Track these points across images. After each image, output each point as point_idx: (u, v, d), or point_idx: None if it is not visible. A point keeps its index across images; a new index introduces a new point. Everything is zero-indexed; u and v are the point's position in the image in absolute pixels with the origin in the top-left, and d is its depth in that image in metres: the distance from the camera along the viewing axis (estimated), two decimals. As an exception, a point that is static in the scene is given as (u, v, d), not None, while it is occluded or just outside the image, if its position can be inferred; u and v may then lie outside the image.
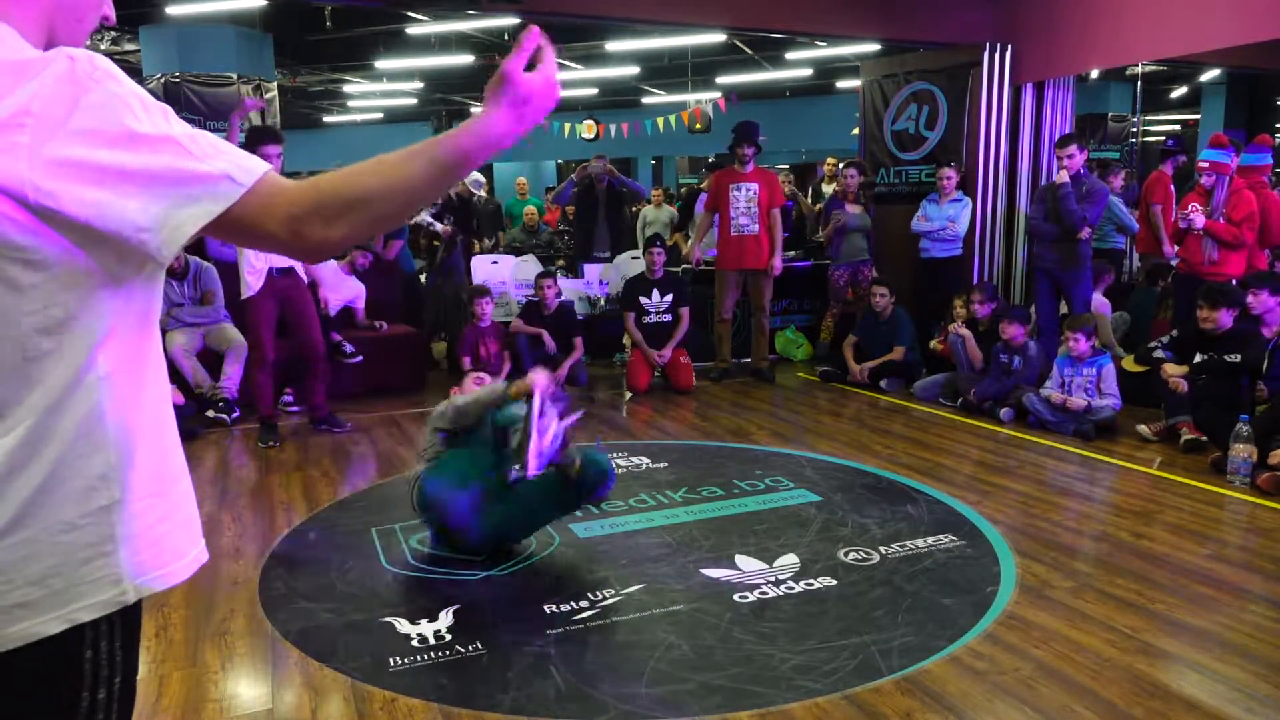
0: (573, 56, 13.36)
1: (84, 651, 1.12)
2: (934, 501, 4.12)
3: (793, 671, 2.61)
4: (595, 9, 6.79)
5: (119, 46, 10.77)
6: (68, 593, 1.08)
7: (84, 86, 0.98)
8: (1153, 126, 18.58)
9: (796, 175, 19.52)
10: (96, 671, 1.14)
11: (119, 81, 1.01)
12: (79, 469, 1.08)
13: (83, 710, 1.13)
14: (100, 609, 1.10)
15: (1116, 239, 7.70)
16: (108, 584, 1.10)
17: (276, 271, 5.11)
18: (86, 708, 1.13)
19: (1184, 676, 2.58)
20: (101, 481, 1.10)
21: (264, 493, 4.41)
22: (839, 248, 7.31)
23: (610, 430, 5.53)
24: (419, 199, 1.11)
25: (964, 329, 6.11)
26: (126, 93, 1.01)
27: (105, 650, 1.14)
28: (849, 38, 8.05)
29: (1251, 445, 4.25)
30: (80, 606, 1.08)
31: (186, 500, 1.26)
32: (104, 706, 1.15)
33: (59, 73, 0.98)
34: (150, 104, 1.02)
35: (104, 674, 1.14)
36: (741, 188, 6.74)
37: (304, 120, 18.97)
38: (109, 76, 1.01)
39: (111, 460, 1.10)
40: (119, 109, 0.99)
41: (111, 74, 1.01)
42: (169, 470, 1.22)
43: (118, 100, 1.00)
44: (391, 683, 2.60)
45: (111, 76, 1.01)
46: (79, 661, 1.12)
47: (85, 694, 1.13)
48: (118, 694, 1.17)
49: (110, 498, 1.11)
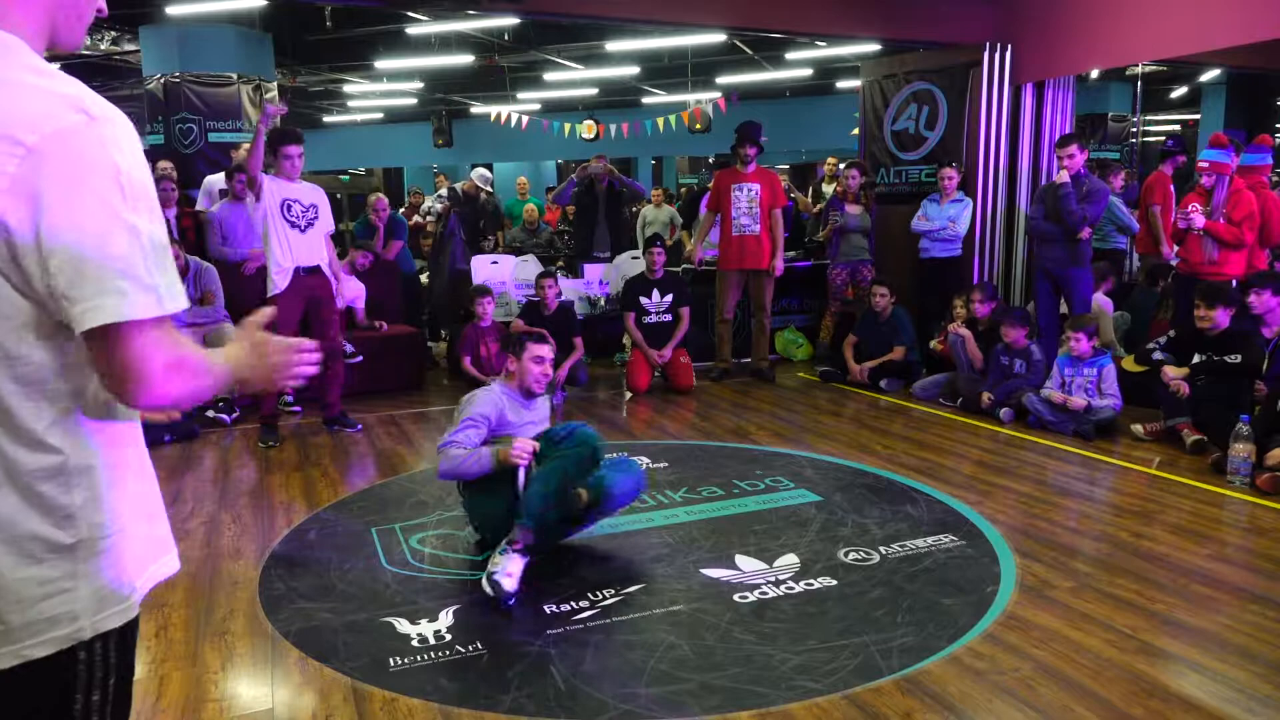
0: (573, 56, 13.35)
1: (78, 653, 1.12)
2: (934, 501, 4.12)
3: (793, 671, 2.61)
4: (595, 9, 6.79)
5: (119, 46, 10.76)
6: (24, 629, 1.08)
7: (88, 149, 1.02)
8: (1153, 126, 18.58)
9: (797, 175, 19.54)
10: (91, 673, 1.14)
11: (122, 153, 1.05)
12: (45, 506, 1.08)
13: (77, 713, 1.13)
14: (54, 645, 1.09)
15: (1117, 239, 7.70)
16: (65, 621, 1.10)
17: (303, 270, 5.13)
18: (80, 710, 1.13)
19: (1184, 676, 2.58)
20: (66, 520, 1.10)
21: (264, 493, 4.41)
22: (837, 247, 7.31)
23: (610, 430, 5.53)
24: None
25: (964, 329, 6.11)
26: (126, 169, 1.04)
27: (100, 651, 1.14)
28: (849, 38, 8.04)
29: (1251, 445, 4.25)
30: (35, 643, 1.08)
31: (155, 526, 1.26)
32: (98, 708, 1.15)
33: (70, 125, 1.01)
34: (137, 191, 1.06)
35: (98, 676, 1.15)
36: (743, 188, 6.74)
37: (304, 120, 18.95)
38: (117, 148, 1.04)
39: (77, 499, 1.10)
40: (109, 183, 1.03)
41: (120, 145, 1.04)
42: (139, 502, 1.22)
43: (111, 173, 1.03)
44: (391, 683, 2.60)
45: (119, 148, 1.04)
46: (73, 663, 1.12)
47: (79, 696, 1.13)
48: (112, 695, 1.17)
49: (76, 535, 1.10)
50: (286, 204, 5.06)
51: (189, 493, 4.43)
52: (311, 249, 5.16)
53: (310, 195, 5.19)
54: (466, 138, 19.36)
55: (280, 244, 5.07)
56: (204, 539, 3.80)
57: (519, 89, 16.48)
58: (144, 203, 1.06)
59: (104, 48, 10.80)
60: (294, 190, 5.12)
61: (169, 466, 4.87)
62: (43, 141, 0.99)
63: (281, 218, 5.05)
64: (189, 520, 4.03)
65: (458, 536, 3.76)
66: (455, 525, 3.89)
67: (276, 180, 5.11)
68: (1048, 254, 6.18)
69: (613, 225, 8.30)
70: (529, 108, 17.71)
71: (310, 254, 5.15)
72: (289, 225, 5.07)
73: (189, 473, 4.77)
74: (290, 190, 5.11)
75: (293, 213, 5.08)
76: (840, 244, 7.29)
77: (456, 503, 4.17)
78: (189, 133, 8.32)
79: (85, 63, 11.61)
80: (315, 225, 5.18)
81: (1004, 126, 7.23)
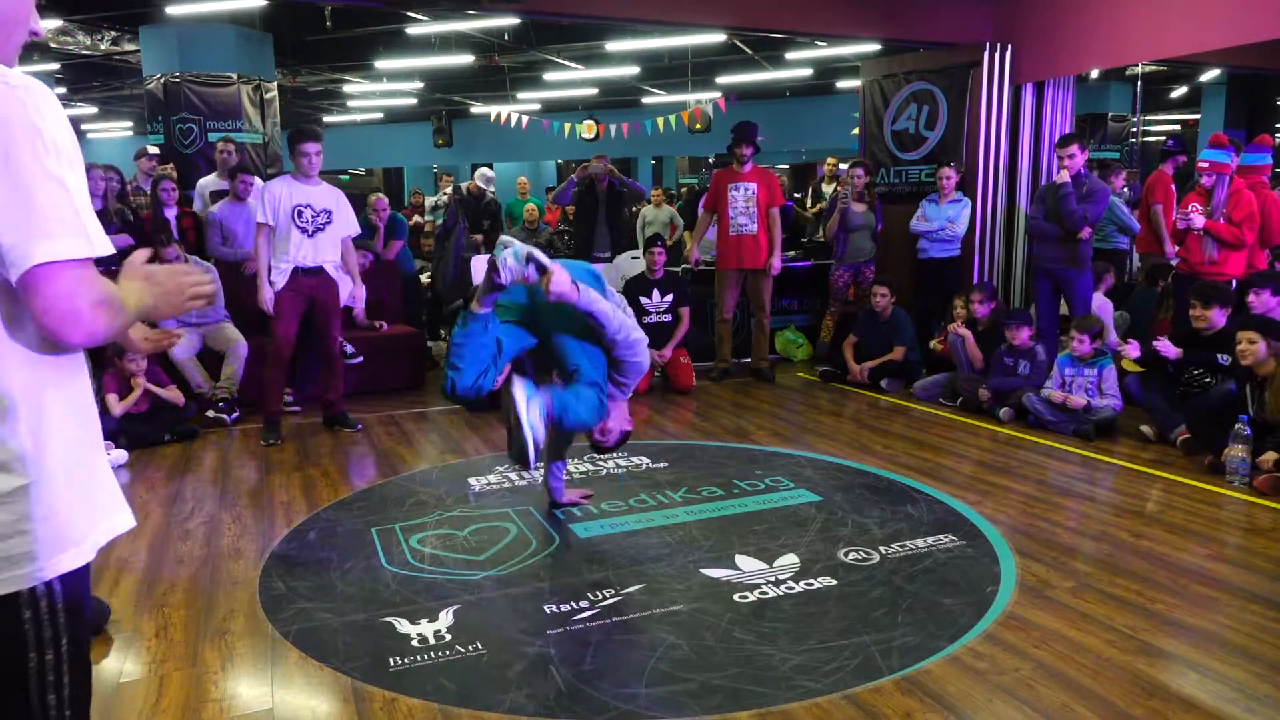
0: (573, 56, 13.36)
1: (22, 612, 1.16)
2: (934, 501, 4.12)
3: (793, 671, 2.61)
4: (595, 9, 6.79)
5: (119, 46, 10.76)
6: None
7: (10, 112, 1.12)
8: (1153, 126, 18.60)
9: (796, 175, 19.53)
10: (39, 633, 1.18)
11: (42, 117, 1.15)
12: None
13: (32, 672, 1.17)
14: (14, 585, 1.15)
15: (1119, 239, 7.70)
16: (23, 560, 1.15)
17: (302, 271, 5.13)
18: (35, 669, 1.18)
19: (1184, 676, 2.58)
20: (17, 463, 1.16)
21: (264, 493, 4.41)
22: (844, 247, 7.31)
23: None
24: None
25: (964, 329, 6.11)
26: (47, 130, 1.15)
27: (46, 610, 1.18)
28: (849, 38, 8.05)
29: (1249, 445, 4.25)
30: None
31: (103, 476, 1.32)
32: (53, 668, 1.20)
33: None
34: (61, 150, 1.16)
35: (47, 635, 1.19)
36: (740, 187, 6.74)
37: (304, 120, 18.96)
38: (36, 112, 1.14)
39: (28, 444, 1.16)
40: (33, 140, 1.13)
41: (40, 110, 1.15)
42: (87, 447, 1.28)
43: (33, 132, 1.13)
44: (391, 683, 2.60)
45: (39, 113, 1.14)
46: (18, 622, 1.17)
47: (33, 655, 1.18)
48: (66, 656, 1.21)
49: (26, 477, 1.16)
50: (298, 209, 5.07)
51: (189, 493, 4.43)
52: (316, 251, 5.16)
53: (325, 199, 5.18)
54: (466, 138, 19.38)
55: (283, 244, 5.07)
56: (204, 539, 3.80)
57: (519, 89, 16.48)
58: (67, 159, 1.16)
59: (104, 48, 10.80)
60: (308, 194, 5.11)
61: (169, 466, 4.87)
62: None
63: (291, 222, 5.05)
64: (189, 520, 4.03)
65: (458, 536, 3.76)
66: (455, 525, 3.89)
67: (292, 183, 5.12)
68: (1048, 254, 6.17)
69: (613, 225, 8.29)
70: (529, 108, 17.72)
71: (313, 256, 5.15)
72: (297, 230, 5.08)
73: (189, 473, 4.78)
74: (304, 194, 5.10)
75: (303, 218, 5.08)
76: (846, 245, 7.29)
77: (456, 503, 4.18)
78: (189, 133, 8.32)
79: (85, 63, 11.62)
80: (326, 230, 5.17)
81: (1004, 126, 7.23)
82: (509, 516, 3.99)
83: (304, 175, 5.13)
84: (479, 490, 4.38)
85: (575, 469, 4.67)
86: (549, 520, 3.93)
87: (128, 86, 13.38)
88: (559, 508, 4.03)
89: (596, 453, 3.91)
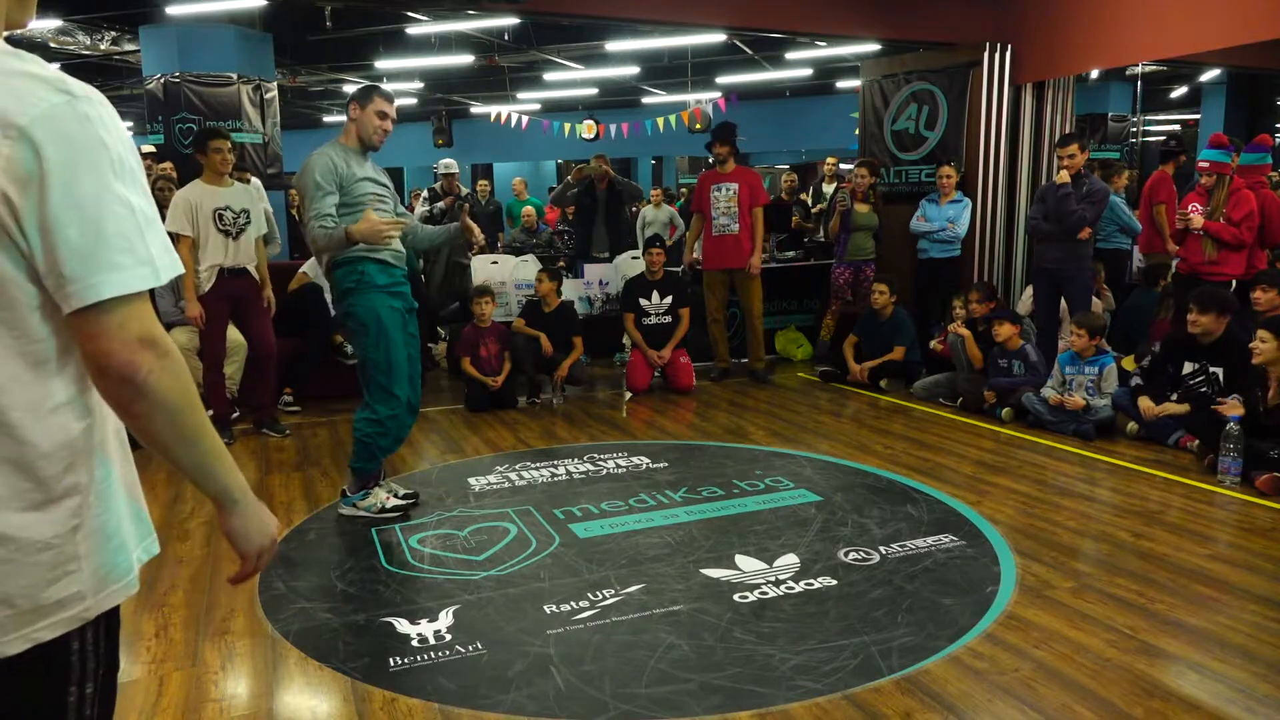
0: (573, 56, 13.36)
1: (71, 644, 1.13)
2: (934, 501, 4.12)
3: (793, 671, 2.61)
4: (595, 9, 6.79)
5: (119, 46, 10.75)
6: (35, 613, 1.08)
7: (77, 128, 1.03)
8: (1153, 126, 18.59)
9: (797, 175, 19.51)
10: (84, 664, 1.15)
11: (107, 130, 1.06)
12: (49, 488, 1.09)
13: (71, 705, 1.14)
14: (64, 626, 1.11)
15: (1120, 239, 7.69)
16: (73, 602, 1.11)
17: (227, 272, 5.13)
18: (75, 702, 1.14)
19: (1184, 676, 2.58)
20: (70, 500, 1.11)
21: (264, 493, 4.41)
22: (844, 246, 7.30)
23: (610, 430, 5.53)
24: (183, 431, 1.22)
25: (964, 329, 6.11)
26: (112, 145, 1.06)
27: (91, 640, 1.16)
28: (849, 38, 8.04)
29: (1240, 446, 4.25)
30: (45, 625, 1.09)
31: (141, 504, 1.28)
32: (91, 701, 1.16)
33: (56, 105, 1.02)
34: (125, 165, 1.07)
35: (90, 666, 1.16)
36: (722, 188, 6.74)
37: (304, 120, 18.97)
38: (102, 125, 1.05)
39: (82, 478, 1.12)
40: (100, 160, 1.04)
41: (104, 123, 1.06)
42: (129, 479, 1.24)
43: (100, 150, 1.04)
44: (391, 683, 2.60)
45: (104, 126, 1.05)
46: (66, 654, 1.13)
47: (73, 688, 1.14)
48: (102, 688, 1.18)
49: (80, 515, 1.12)
50: (218, 214, 5.06)
51: (189, 493, 4.43)
52: (240, 253, 5.16)
53: (241, 199, 5.17)
54: (466, 138, 19.36)
55: (208, 248, 5.05)
56: (204, 539, 3.80)
57: (519, 89, 16.48)
58: (130, 176, 1.08)
59: (104, 48, 10.79)
60: (224, 197, 5.09)
61: (169, 466, 4.85)
62: (33, 123, 1.00)
63: (214, 227, 5.05)
64: (189, 520, 4.04)
65: (458, 536, 3.76)
66: (455, 525, 3.89)
67: (205, 188, 5.06)
68: (1047, 254, 6.17)
69: (612, 225, 8.29)
70: (529, 108, 17.72)
71: (238, 257, 5.15)
72: (220, 233, 5.07)
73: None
74: (221, 198, 5.07)
75: (225, 221, 5.08)
76: (847, 243, 7.29)
77: (457, 503, 4.18)
78: (189, 133, 8.31)
79: (85, 63, 11.61)
80: (247, 231, 5.18)
81: (1004, 126, 7.23)
82: (509, 516, 3.99)
83: (215, 175, 5.10)
84: (479, 490, 4.38)
85: (575, 469, 4.68)
86: (549, 520, 3.94)
87: (128, 86, 13.38)
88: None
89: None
